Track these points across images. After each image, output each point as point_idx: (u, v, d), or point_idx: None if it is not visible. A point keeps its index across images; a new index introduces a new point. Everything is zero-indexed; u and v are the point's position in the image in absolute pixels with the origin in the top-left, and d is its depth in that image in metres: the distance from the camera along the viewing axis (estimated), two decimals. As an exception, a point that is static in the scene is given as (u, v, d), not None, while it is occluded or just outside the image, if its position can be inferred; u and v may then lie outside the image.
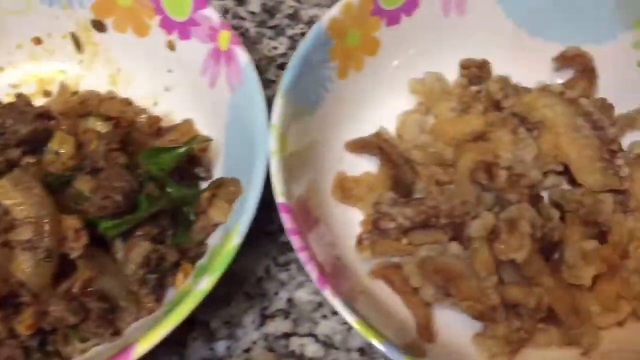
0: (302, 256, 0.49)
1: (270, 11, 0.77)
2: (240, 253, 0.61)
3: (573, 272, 0.53)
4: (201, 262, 0.54)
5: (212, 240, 0.56)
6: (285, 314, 0.60)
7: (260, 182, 0.51)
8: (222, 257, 0.48)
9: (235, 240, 0.48)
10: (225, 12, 0.76)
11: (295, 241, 0.49)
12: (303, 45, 0.57)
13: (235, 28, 0.75)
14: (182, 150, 0.55)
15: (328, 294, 0.47)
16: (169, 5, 0.61)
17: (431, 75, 0.64)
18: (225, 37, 0.58)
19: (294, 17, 0.76)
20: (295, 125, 0.57)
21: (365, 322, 0.46)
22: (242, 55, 0.56)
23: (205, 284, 0.47)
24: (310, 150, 0.60)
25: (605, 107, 0.63)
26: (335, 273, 0.54)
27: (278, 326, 0.59)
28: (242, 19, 0.76)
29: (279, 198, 0.51)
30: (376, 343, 0.45)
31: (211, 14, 0.59)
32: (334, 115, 0.63)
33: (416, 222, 0.56)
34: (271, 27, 0.76)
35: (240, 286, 0.61)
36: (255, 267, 0.62)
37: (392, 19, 0.64)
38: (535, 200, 0.57)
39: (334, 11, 0.60)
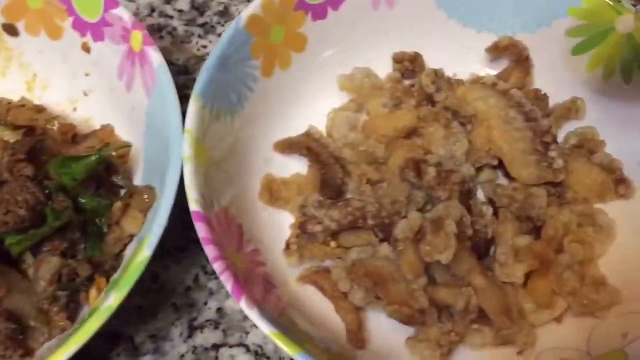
0: (217, 266, 0.46)
1: (199, 8, 0.74)
2: (167, 263, 0.60)
3: (504, 270, 0.52)
4: (115, 276, 0.51)
5: (130, 252, 0.53)
6: (215, 324, 0.57)
7: (173, 190, 0.48)
8: (130, 271, 0.45)
9: (146, 252, 0.46)
10: (151, 10, 0.73)
11: (209, 251, 0.47)
12: (219, 45, 0.55)
13: (162, 27, 0.72)
14: (93, 158, 0.53)
15: (243, 305, 0.45)
16: (79, 5, 0.58)
17: (360, 71, 0.62)
18: (137, 37, 0.55)
19: (224, 14, 0.74)
20: (216, 128, 0.55)
21: (282, 333, 0.44)
22: (155, 57, 0.54)
23: (113, 300, 0.44)
24: (235, 153, 0.57)
25: (539, 97, 0.62)
26: (256, 282, 0.51)
27: (207, 337, 0.57)
28: (170, 17, 0.73)
29: (192, 206, 0.48)
30: (293, 354, 0.43)
31: (122, 13, 0.56)
32: (260, 115, 0.60)
33: (343, 224, 0.54)
34: (200, 25, 0.73)
35: (168, 297, 0.58)
36: (183, 277, 0.59)
37: (318, 13, 0.62)
38: (466, 196, 0.55)
39: (253, 7, 0.57)
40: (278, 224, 0.58)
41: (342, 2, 0.62)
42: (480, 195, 0.59)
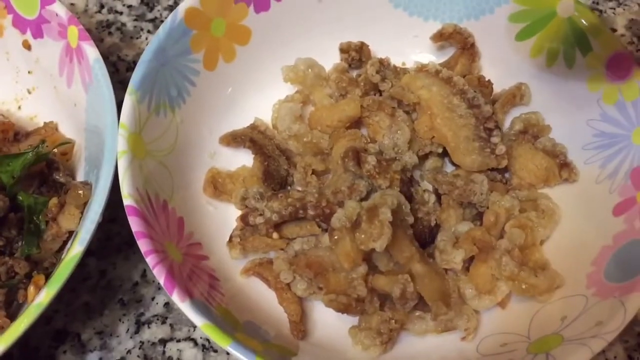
0: (149, 259, 0.46)
1: (148, 4, 0.74)
2: (115, 259, 0.60)
3: (443, 257, 0.52)
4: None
5: (70, 249, 0.53)
6: (163, 319, 0.57)
7: (107, 186, 0.48)
8: (62, 267, 0.45)
9: (77, 248, 0.46)
10: (101, 6, 0.73)
11: (142, 244, 0.47)
12: (155, 38, 0.54)
13: (111, 23, 0.72)
14: (30, 155, 0.52)
15: (175, 297, 0.45)
16: (17, 3, 0.58)
17: (303, 62, 0.62)
18: (74, 33, 0.54)
19: (174, 9, 0.73)
20: (155, 122, 0.55)
21: (215, 325, 0.44)
22: (91, 52, 0.53)
23: (43, 297, 0.44)
24: (177, 147, 0.57)
25: (483, 84, 0.62)
26: (200, 275, 0.51)
27: (154, 332, 0.57)
28: (119, 13, 0.73)
29: (126, 200, 0.48)
30: (223, 345, 0.43)
31: (59, 9, 0.55)
32: (205, 109, 0.60)
33: (284, 216, 0.54)
34: (150, 21, 0.73)
35: (115, 293, 0.58)
36: (131, 273, 0.59)
37: (260, 5, 0.61)
38: (408, 184, 0.55)
39: (191, 1, 0.57)
40: (224, 218, 0.58)
41: (285, -6, 0.62)
42: (427, 184, 0.59)
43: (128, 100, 0.52)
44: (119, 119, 0.51)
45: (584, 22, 0.58)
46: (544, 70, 0.61)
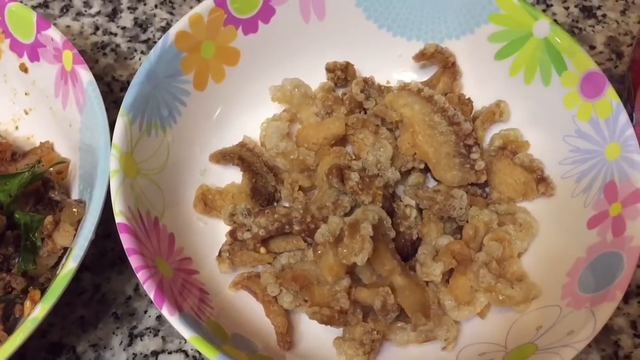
0: (140, 275, 0.48)
1: (142, 25, 0.76)
2: (109, 274, 0.62)
3: (424, 269, 0.54)
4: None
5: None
6: (155, 331, 0.59)
7: (99, 203, 0.51)
8: (56, 282, 0.47)
9: (71, 264, 0.48)
10: (96, 28, 0.75)
11: (132, 260, 0.49)
12: (146, 61, 0.57)
13: (106, 44, 0.74)
14: (26, 174, 0.55)
15: (164, 311, 0.47)
16: (14, 28, 0.60)
17: (290, 82, 0.64)
18: (68, 57, 0.57)
19: (166, 30, 0.76)
20: (146, 141, 0.57)
21: (202, 337, 0.46)
22: (85, 74, 0.56)
23: (38, 311, 0.46)
24: (169, 166, 0.59)
25: (463, 102, 0.64)
26: (191, 289, 0.53)
27: (147, 345, 0.59)
28: (114, 34, 0.75)
29: (117, 218, 0.50)
30: (211, 357, 0.45)
31: (54, 34, 0.58)
32: (195, 128, 0.63)
33: (271, 231, 0.56)
34: (143, 42, 0.75)
35: (109, 307, 0.60)
36: (124, 287, 0.61)
37: (249, 27, 0.64)
38: (390, 200, 0.57)
39: (181, 24, 0.59)
40: (213, 233, 0.60)
41: (272, 15, 0.65)
42: (410, 199, 0.61)
43: (120, 121, 0.54)
44: (111, 138, 0.53)
45: (559, 42, 0.60)
46: (523, 88, 0.64)
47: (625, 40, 0.75)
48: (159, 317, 0.60)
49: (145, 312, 0.60)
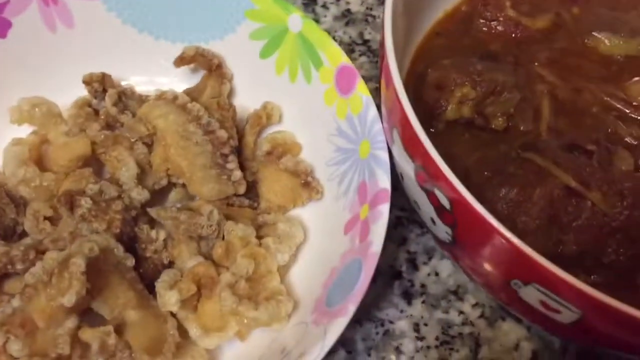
0: None
1: None
2: None
3: (160, 300, 0.49)
4: None
5: None
6: None
7: None
8: None
9: None
10: None
11: None
12: None
13: None
14: None
15: None
16: None
17: (26, 101, 0.58)
18: None
19: None
20: None
21: None
22: None
23: None
24: None
25: (223, 107, 0.59)
26: None
27: None
28: None
29: None
30: None
31: None
32: None
33: (-6, 272, 0.50)
34: None
35: None
36: None
37: (-19, 43, 0.57)
38: (132, 224, 0.52)
39: None
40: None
41: (9, 29, 0.58)
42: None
43: None
44: None
45: (312, 36, 0.56)
46: (289, 87, 0.60)
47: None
48: None
49: None
